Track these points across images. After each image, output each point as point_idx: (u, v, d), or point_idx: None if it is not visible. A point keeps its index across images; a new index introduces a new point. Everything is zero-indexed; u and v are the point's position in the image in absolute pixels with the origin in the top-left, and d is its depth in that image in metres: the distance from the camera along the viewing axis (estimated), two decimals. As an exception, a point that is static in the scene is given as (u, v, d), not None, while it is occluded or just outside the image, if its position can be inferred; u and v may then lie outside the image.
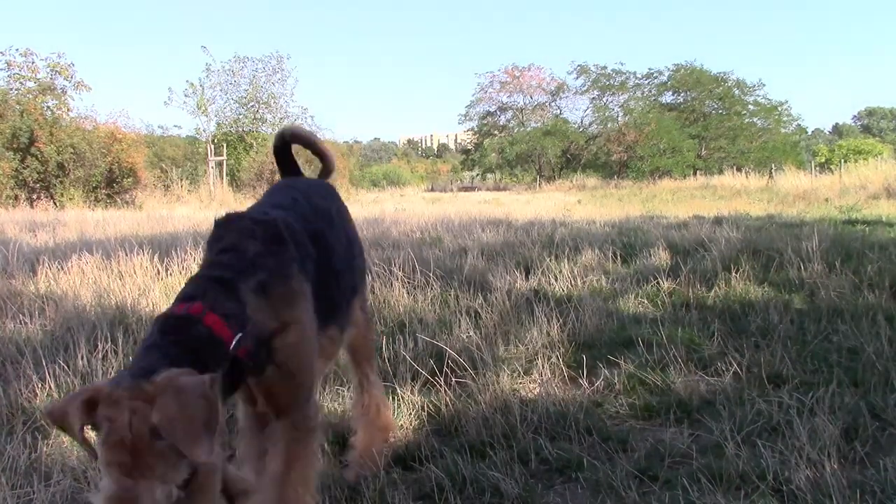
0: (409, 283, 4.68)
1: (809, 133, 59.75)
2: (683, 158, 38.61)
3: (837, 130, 78.38)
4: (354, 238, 2.22)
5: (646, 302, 4.33)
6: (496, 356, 3.22)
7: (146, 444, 1.21)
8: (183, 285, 1.58)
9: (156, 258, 5.17)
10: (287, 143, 2.31)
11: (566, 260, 5.50)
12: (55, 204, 18.56)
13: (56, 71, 20.70)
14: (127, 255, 5.28)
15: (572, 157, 42.71)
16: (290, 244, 1.68)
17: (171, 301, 1.53)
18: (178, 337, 1.41)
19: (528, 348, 3.39)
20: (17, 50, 20.34)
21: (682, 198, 19.94)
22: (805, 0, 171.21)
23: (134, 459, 1.20)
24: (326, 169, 2.45)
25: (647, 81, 42.99)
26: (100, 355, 3.11)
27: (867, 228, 7.66)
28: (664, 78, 42.48)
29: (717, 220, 8.85)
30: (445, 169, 69.05)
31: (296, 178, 2.30)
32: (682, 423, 2.56)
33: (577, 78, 43.23)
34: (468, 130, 48.42)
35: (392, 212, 13.52)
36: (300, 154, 2.46)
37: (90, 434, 1.31)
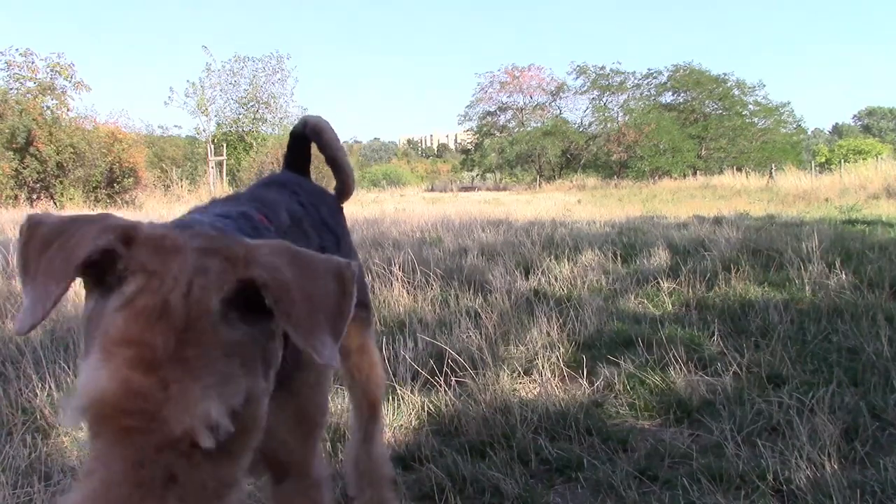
0: (409, 283, 4.68)
1: (809, 133, 59.77)
2: (683, 158, 38.59)
3: (837, 130, 78.37)
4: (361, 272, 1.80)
5: (646, 302, 4.33)
6: (496, 356, 3.22)
7: (203, 326, 0.75)
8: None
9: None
10: (307, 138, 1.83)
11: (566, 260, 5.51)
12: (55, 204, 18.58)
13: (56, 71, 20.72)
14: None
15: (572, 157, 42.69)
16: None
17: None
18: (250, 226, 1.07)
19: (528, 348, 3.39)
20: (16, 50, 20.37)
21: (682, 198, 19.94)
22: (805, 0, 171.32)
23: (172, 345, 0.73)
24: (342, 187, 1.90)
25: (646, 81, 43.02)
26: (100, 355, 3.11)
27: (867, 228, 7.66)
28: (663, 78, 42.49)
29: (717, 220, 8.85)
30: (445, 169, 69.01)
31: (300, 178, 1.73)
32: (682, 423, 2.56)
33: (576, 78, 43.27)
34: (468, 130, 48.38)
35: (392, 212, 13.52)
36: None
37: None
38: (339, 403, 2.62)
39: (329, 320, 0.81)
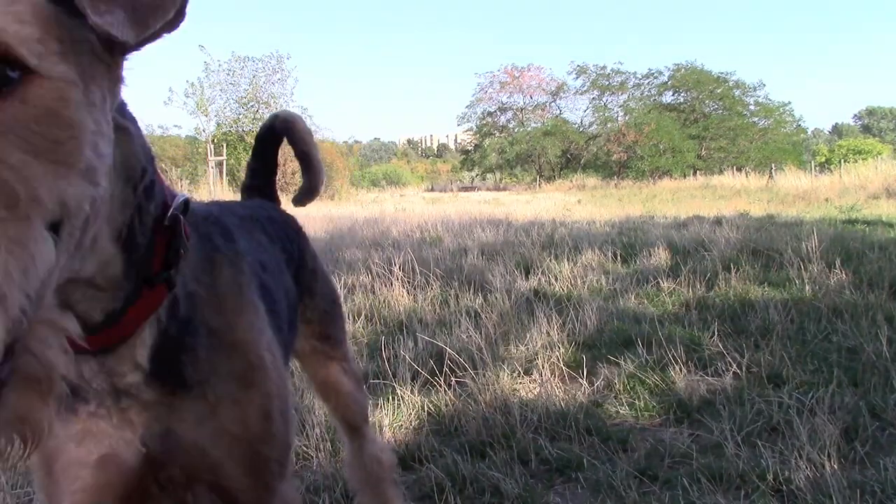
0: (409, 283, 4.69)
1: (809, 133, 59.77)
2: (683, 158, 38.59)
3: (837, 130, 78.39)
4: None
5: (646, 302, 4.34)
6: (496, 356, 3.22)
7: None
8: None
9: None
10: (277, 135, 1.63)
11: (566, 260, 5.51)
12: (55, 204, 18.57)
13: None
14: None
15: (572, 157, 42.69)
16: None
17: None
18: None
19: (528, 348, 3.39)
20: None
21: (682, 198, 19.94)
22: (805, 0, 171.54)
23: None
24: (310, 186, 1.69)
25: (646, 81, 43.03)
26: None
27: (867, 228, 7.67)
28: (664, 78, 42.50)
29: (717, 220, 8.86)
30: (445, 169, 69.01)
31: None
32: (682, 423, 2.56)
33: (576, 78, 43.29)
34: (468, 130, 48.41)
35: (392, 212, 13.52)
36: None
37: None
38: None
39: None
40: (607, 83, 42.16)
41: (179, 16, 0.66)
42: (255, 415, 0.95)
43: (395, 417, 2.59)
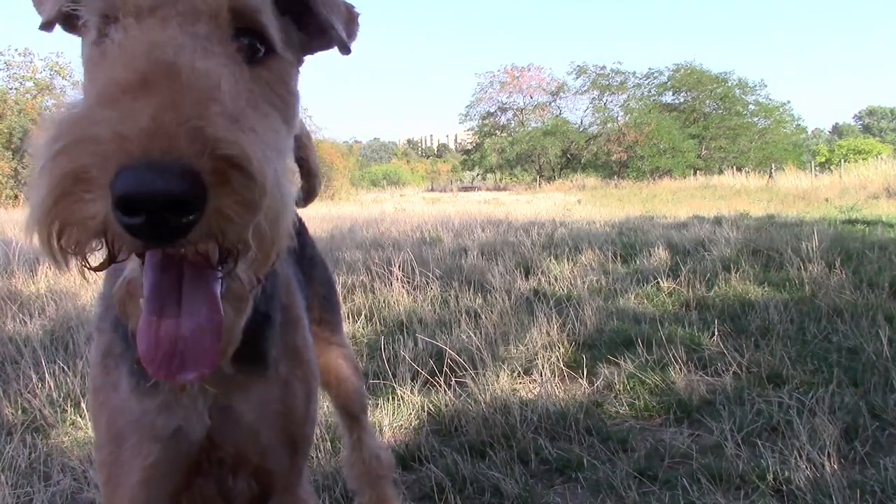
0: (408, 283, 4.69)
1: (809, 133, 59.73)
2: (683, 158, 38.56)
3: (837, 130, 78.34)
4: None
5: (646, 302, 4.34)
6: (496, 356, 3.22)
7: None
8: None
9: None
10: None
11: (566, 260, 5.51)
12: (55, 204, 18.58)
13: (55, 71, 20.73)
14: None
15: (572, 157, 42.67)
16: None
17: None
18: None
19: (528, 348, 3.39)
20: (15, 50, 20.41)
21: (682, 198, 19.92)
22: (806, 0, 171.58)
23: None
24: (309, 190, 1.65)
25: (646, 81, 43.02)
26: (100, 355, 3.10)
27: (867, 228, 7.66)
28: (664, 78, 42.48)
29: (717, 220, 8.86)
30: (445, 169, 68.96)
31: None
32: (682, 423, 2.56)
33: (576, 78, 43.28)
34: (468, 130, 48.42)
35: (392, 212, 13.52)
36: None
37: None
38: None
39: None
40: (607, 83, 42.13)
41: (353, 36, 0.99)
42: (301, 393, 1.03)
43: (395, 417, 2.59)
